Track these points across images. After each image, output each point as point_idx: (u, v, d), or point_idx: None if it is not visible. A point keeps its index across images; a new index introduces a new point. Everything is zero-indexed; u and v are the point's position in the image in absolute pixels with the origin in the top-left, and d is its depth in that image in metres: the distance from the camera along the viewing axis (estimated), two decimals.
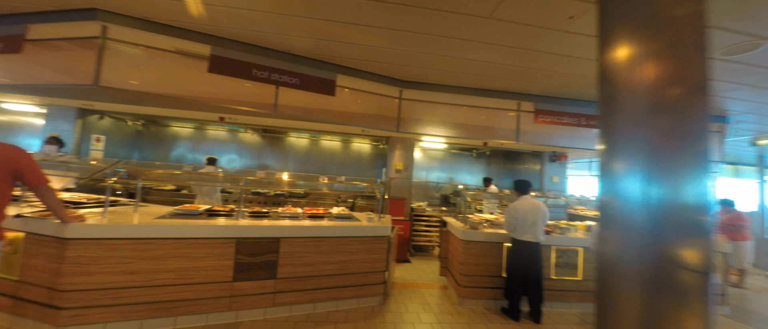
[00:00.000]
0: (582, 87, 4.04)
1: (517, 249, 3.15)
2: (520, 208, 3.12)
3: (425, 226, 5.60)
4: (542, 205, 3.23)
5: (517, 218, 3.11)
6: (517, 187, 3.33)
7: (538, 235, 3.15)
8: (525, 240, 3.12)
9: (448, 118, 4.63)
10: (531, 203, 3.17)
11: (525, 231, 3.11)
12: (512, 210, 3.14)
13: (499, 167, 7.66)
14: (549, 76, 3.76)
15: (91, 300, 2.37)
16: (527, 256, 3.11)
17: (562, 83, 3.96)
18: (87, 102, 4.73)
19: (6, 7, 2.81)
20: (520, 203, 3.17)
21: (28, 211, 2.51)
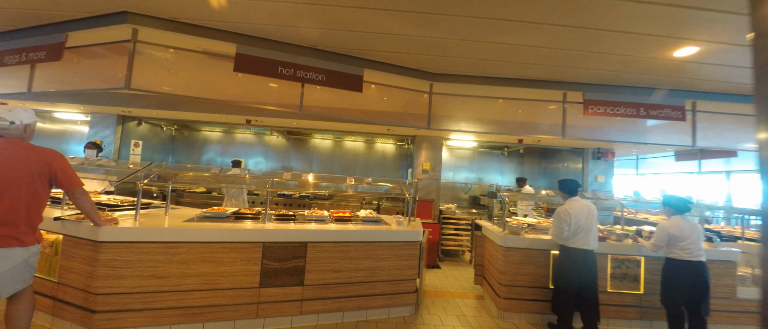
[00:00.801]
0: (642, 71, 3.52)
1: (569, 258, 2.76)
2: (573, 212, 2.73)
3: (454, 230, 5.27)
4: (595, 208, 2.82)
5: (569, 224, 2.72)
6: (565, 188, 2.94)
7: (592, 242, 2.75)
8: (578, 248, 2.73)
9: (481, 114, 4.29)
10: (584, 206, 2.78)
11: (579, 238, 2.73)
12: (564, 214, 2.75)
13: (533, 166, 7.12)
14: (602, 60, 3.28)
15: (123, 304, 2.35)
16: (581, 266, 2.71)
17: (618, 67, 3.46)
18: (126, 108, 4.96)
19: (48, 16, 2.94)
20: (573, 206, 2.78)
21: (66, 214, 2.56)
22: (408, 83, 3.93)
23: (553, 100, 4.10)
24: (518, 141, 5.29)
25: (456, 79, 3.90)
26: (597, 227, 2.84)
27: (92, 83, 3.15)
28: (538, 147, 6.47)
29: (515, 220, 3.67)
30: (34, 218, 1.89)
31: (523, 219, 4.06)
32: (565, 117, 4.04)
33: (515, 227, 3.29)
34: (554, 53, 3.20)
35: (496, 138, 5.36)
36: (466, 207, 6.49)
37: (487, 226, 3.68)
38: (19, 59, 3.08)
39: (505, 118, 4.35)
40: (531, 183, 6.16)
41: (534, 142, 5.42)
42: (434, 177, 5.48)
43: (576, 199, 2.85)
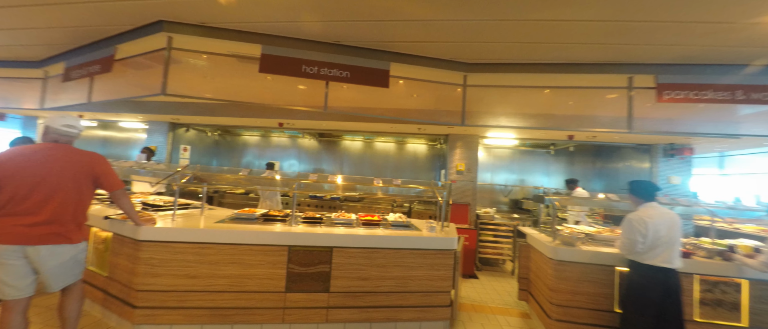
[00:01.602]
0: (737, 42, 2.78)
1: (645, 278, 2.24)
2: (651, 221, 2.22)
3: (493, 236, 4.81)
4: (677, 217, 2.27)
5: (645, 235, 2.22)
6: (638, 191, 2.41)
7: (674, 259, 2.21)
8: (656, 266, 2.20)
9: (524, 107, 3.79)
10: (665, 214, 2.24)
11: (657, 253, 2.20)
12: (638, 223, 2.24)
13: (585, 166, 6.28)
14: (683, 31, 2.63)
15: (160, 301, 2.43)
16: (661, 289, 2.19)
17: (704, 40, 2.76)
18: (175, 116, 5.37)
19: (100, 32, 3.25)
20: (650, 214, 2.26)
21: (113, 213, 2.74)
22: (439, 76, 3.63)
23: (614, 87, 3.48)
24: (568, 137, 4.65)
25: (493, 69, 3.50)
26: (680, 241, 2.28)
27: (136, 91, 3.40)
28: (592, 144, 5.68)
29: (568, 228, 3.17)
30: (80, 217, 2.01)
31: (576, 227, 3.51)
32: (631, 106, 3.40)
33: (569, 237, 2.82)
34: (616, 28, 2.66)
35: (541, 134, 4.75)
36: (506, 211, 5.93)
37: (532, 234, 3.23)
38: (80, 73, 3.47)
39: (553, 111, 3.81)
40: (584, 186, 5.42)
41: (588, 137, 4.73)
42: (470, 179, 5.07)
43: (653, 206, 2.31)
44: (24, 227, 1.79)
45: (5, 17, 3.26)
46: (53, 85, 4.54)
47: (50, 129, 1.99)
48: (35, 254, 1.83)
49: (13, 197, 1.79)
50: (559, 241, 2.83)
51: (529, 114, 3.82)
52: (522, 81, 3.65)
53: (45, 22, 3.28)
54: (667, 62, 3.23)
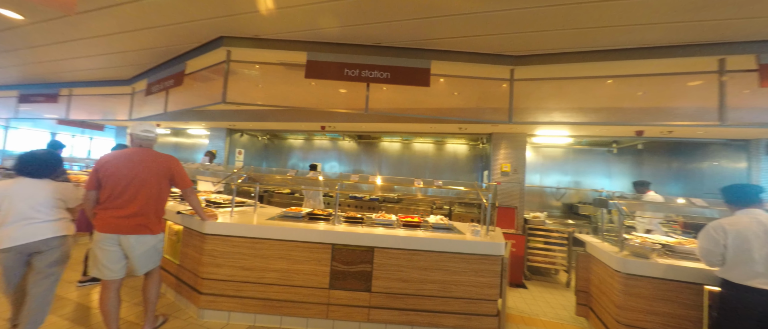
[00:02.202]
0: None
1: (739, 302, 1.84)
2: (732, 229, 1.83)
3: (544, 243, 4.41)
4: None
5: (724, 245, 1.83)
6: (729, 196, 2.00)
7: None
8: (755, 288, 1.79)
9: (580, 100, 3.41)
10: (762, 222, 1.82)
11: (752, 272, 1.80)
12: (716, 229, 1.86)
13: (658, 166, 5.44)
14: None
15: (220, 289, 2.67)
16: (761, 317, 1.77)
17: None
18: (231, 122, 5.95)
19: (173, 51, 3.74)
20: (733, 221, 1.86)
21: (184, 209, 3.10)
22: (483, 71, 3.44)
23: (698, 72, 2.94)
24: (636, 133, 4.07)
25: (545, 60, 3.20)
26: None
27: (201, 101, 3.84)
28: (666, 140, 4.90)
29: (640, 238, 2.77)
30: (160, 211, 2.33)
31: (648, 236, 3.05)
32: (722, 94, 2.84)
33: (640, 247, 2.45)
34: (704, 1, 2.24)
35: (601, 130, 4.22)
36: (558, 216, 5.41)
37: (593, 243, 2.89)
38: (158, 88, 4.04)
39: (617, 104, 3.36)
40: (656, 189, 4.70)
41: (662, 133, 4.08)
42: (516, 181, 4.73)
43: (749, 213, 1.90)
44: (118, 219, 2.12)
45: (105, 44, 3.93)
46: (138, 99, 5.36)
47: (134, 136, 2.34)
48: (126, 242, 2.16)
49: (112, 193, 2.13)
50: (627, 252, 2.48)
51: (588, 108, 3.41)
52: (579, 71, 3.28)
53: (133, 46, 3.88)
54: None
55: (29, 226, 2.02)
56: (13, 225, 2.00)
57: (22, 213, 2.01)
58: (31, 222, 2.03)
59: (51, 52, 4.36)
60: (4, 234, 1.99)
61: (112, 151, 2.25)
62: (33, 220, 2.04)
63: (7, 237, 1.98)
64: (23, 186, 2.07)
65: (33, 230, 2.03)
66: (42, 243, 2.04)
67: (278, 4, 2.73)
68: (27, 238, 2.00)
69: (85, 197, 2.16)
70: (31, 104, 6.27)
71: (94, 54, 4.30)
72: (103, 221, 2.12)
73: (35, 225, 2.04)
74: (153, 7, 2.95)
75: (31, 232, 2.02)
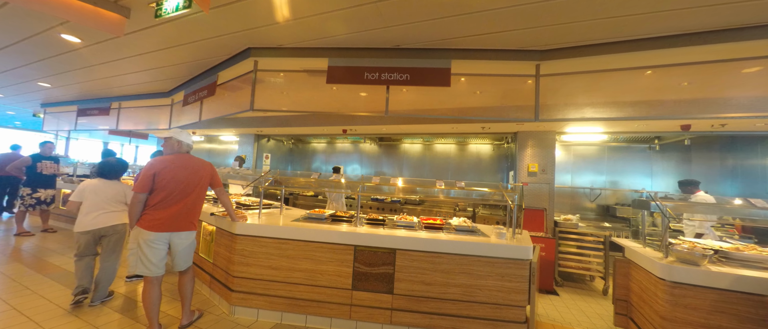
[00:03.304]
0: None
1: None
2: None
3: (577, 248, 4.14)
4: None
5: None
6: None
7: None
8: None
9: (616, 94, 3.16)
10: None
11: None
12: None
13: (709, 163, 4.92)
14: None
15: (250, 288, 2.80)
16: None
17: None
18: (259, 129, 6.25)
19: (206, 64, 4.01)
20: None
21: (217, 211, 3.30)
22: (506, 68, 3.33)
23: (753, 57, 2.63)
24: (681, 127, 3.72)
25: (573, 53, 3.03)
26: None
27: (231, 109, 4.09)
28: (718, 134, 4.42)
29: (687, 243, 2.52)
30: (200, 210, 2.56)
31: (699, 241, 2.77)
32: None
33: (688, 253, 2.23)
34: None
35: (641, 126, 3.90)
36: (593, 219, 5.07)
37: (633, 248, 2.67)
38: (194, 98, 4.36)
39: (659, 97, 3.08)
40: (707, 189, 4.25)
41: (713, 127, 3.68)
42: (545, 181, 4.50)
43: None
44: (172, 218, 2.33)
45: (148, 60, 4.32)
46: (176, 109, 5.81)
47: (184, 143, 2.54)
48: (176, 239, 2.37)
49: (169, 196, 2.33)
50: (673, 258, 2.27)
51: (625, 102, 3.16)
52: (613, 63, 3.07)
53: (171, 60, 4.23)
54: None
55: (102, 215, 2.80)
56: (91, 214, 2.77)
57: (97, 205, 2.80)
58: (103, 212, 2.81)
59: (103, 70, 4.87)
60: (86, 221, 2.75)
61: (163, 158, 2.42)
62: (104, 211, 2.82)
63: (86, 223, 2.76)
64: (100, 185, 2.86)
65: (105, 218, 2.81)
66: (110, 229, 2.84)
67: (298, 14, 2.85)
68: (99, 224, 2.79)
69: (135, 199, 2.30)
70: (87, 117, 7.04)
71: (139, 70, 4.74)
72: (157, 221, 2.29)
73: (107, 215, 2.82)
74: (189, 25, 3.20)
75: (103, 220, 2.80)
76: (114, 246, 2.89)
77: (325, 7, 2.72)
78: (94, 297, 2.82)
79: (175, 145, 2.52)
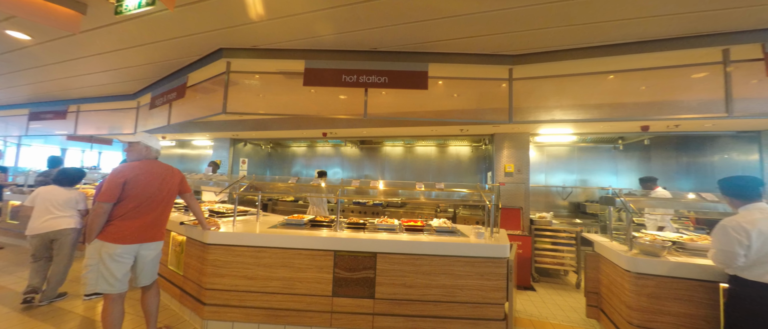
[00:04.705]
0: None
1: (754, 301, 1.77)
2: (753, 229, 1.76)
3: (551, 244, 4.32)
4: None
5: (747, 246, 1.76)
6: (732, 190, 1.94)
7: None
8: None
9: (583, 97, 3.36)
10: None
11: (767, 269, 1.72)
12: (736, 229, 1.80)
13: (666, 161, 5.32)
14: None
15: (224, 300, 2.66)
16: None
17: None
18: (234, 132, 6.02)
19: (176, 64, 3.81)
20: (750, 218, 1.80)
21: (187, 220, 3.12)
22: (481, 72, 3.43)
23: (701, 64, 2.89)
24: (641, 128, 4.00)
25: (544, 58, 3.18)
26: None
27: (203, 112, 3.90)
28: (673, 134, 4.80)
29: (649, 235, 2.69)
30: (167, 219, 2.41)
31: (659, 234, 2.97)
32: (728, 85, 2.77)
33: (650, 245, 2.38)
34: None
35: (606, 127, 4.16)
36: (565, 216, 5.31)
37: (601, 242, 2.82)
38: (162, 101, 4.12)
39: (620, 100, 3.30)
40: (664, 185, 4.59)
41: (668, 128, 4.00)
42: (521, 181, 4.67)
43: (758, 208, 1.83)
44: (142, 229, 2.18)
45: (110, 60, 4.03)
46: (143, 112, 5.46)
47: (152, 149, 2.38)
48: (144, 250, 2.23)
49: (138, 205, 2.17)
50: (637, 250, 2.41)
51: (591, 105, 3.36)
52: (579, 68, 3.26)
53: (136, 61, 3.97)
54: None
55: (52, 220, 2.90)
56: (41, 218, 2.88)
57: (47, 210, 2.91)
58: (53, 216, 2.91)
59: (58, 71, 4.49)
60: (36, 225, 2.87)
61: (131, 165, 2.24)
62: (53, 215, 2.91)
63: (36, 227, 2.87)
64: (52, 191, 2.97)
65: (53, 223, 2.91)
66: (58, 233, 2.93)
67: (274, 14, 2.78)
68: (48, 228, 2.89)
69: (99, 210, 2.07)
70: (41, 121, 6.45)
71: (99, 70, 4.41)
72: (125, 232, 2.12)
73: (56, 219, 2.92)
74: (153, 23, 3.02)
75: (52, 224, 2.90)
76: (64, 249, 2.99)
77: (300, 7, 2.67)
78: (43, 297, 2.91)
79: (142, 150, 2.35)
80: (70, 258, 3.05)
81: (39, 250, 2.95)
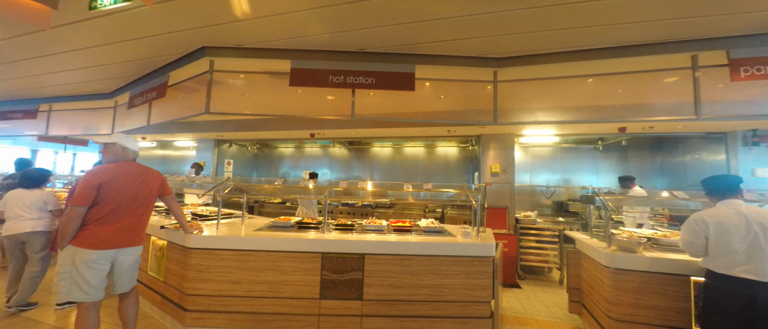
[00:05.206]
0: None
1: (722, 292, 1.87)
2: (712, 221, 1.87)
3: (536, 242, 4.44)
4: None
5: (705, 236, 1.88)
6: (708, 188, 2.06)
7: (765, 269, 1.79)
8: (737, 278, 1.82)
9: (564, 100, 3.48)
10: (742, 214, 1.86)
11: (733, 262, 1.83)
12: (697, 222, 1.90)
13: (642, 161, 5.58)
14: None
15: (207, 305, 2.59)
16: (744, 306, 1.79)
17: None
18: (219, 133, 5.86)
19: (155, 62, 3.68)
20: (713, 212, 1.90)
21: (168, 223, 3.02)
22: (467, 74, 3.49)
23: (673, 68, 3.04)
24: (619, 130, 4.17)
25: (527, 61, 3.27)
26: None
27: (185, 112, 3.78)
28: (649, 136, 5.03)
29: (626, 232, 2.81)
30: (147, 222, 2.32)
31: (636, 231, 3.10)
32: (697, 89, 2.94)
33: (627, 241, 2.48)
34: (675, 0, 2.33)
35: (586, 128, 4.32)
36: (549, 214, 5.46)
37: (582, 240, 2.92)
38: (141, 100, 3.96)
39: (599, 102, 3.43)
40: (641, 184, 4.80)
41: (643, 129, 4.19)
42: (506, 181, 4.77)
43: (729, 203, 1.94)
44: (119, 234, 2.09)
45: (84, 57, 3.85)
46: (121, 112, 5.24)
47: (130, 150, 2.29)
48: (122, 255, 2.13)
49: (116, 209, 2.07)
50: (615, 247, 2.51)
51: (571, 107, 3.48)
52: (561, 71, 3.37)
53: (113, 58, 3.81)
54: (742, 33, 2.75)
55: (18, 222, 2.88)
56: (10, 221, 2.88)
57: (15, 213, 2.89)
58: (20, 219, 2.88)
59: (28, 67, 4.25)
60: (5, 227, 2.88)
61: (107, 166, 2.15)
62: (20, 218, 2.88)
63: (5, 228, 2.88)
64: (20, 193, 2.95)
65: (20, 225, 2.88)
66: (26, 236, 2.89)
67: (260, 12, 2.73)
68: (15, 230, 2.87)
69: (73, 214, 1.97)
70: (8, 121, 6.08)
71: (74, 68, 4.20)
72: (101, 237, 2.03)
73: (23, 222, 2.88)
74: (131, 19, 2.91)
75: (19, 227, 2.87)
76: (35, 254, 2.93)
77: (287, 7, 2.64)
78: (12, 302, 2.85)
79: (118, 151, 2.25)
80: (40, 264, 2.95)
81: (12, 253, 2.95)
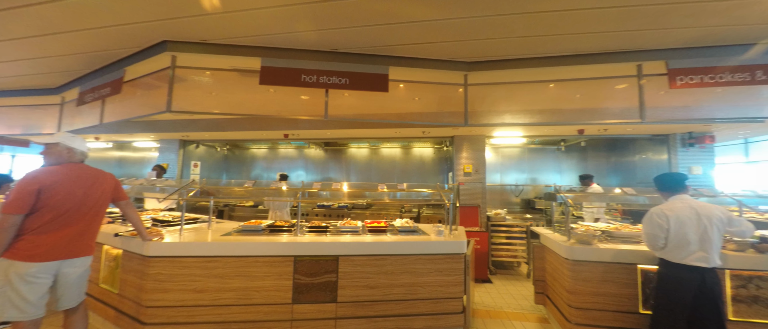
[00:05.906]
0: (754, 20, 2.66)
1: (676, 279, 2.08)
2: (672, 214, 2.08)
3: (506, 238, 4.66)
4: (716, 209, 2.06)
5: (666, 229, 2.08)
6: (660, 184, 2.29)
7: (712, 257, 2.02)
8: (690, 265, 2.03)
9: (529, 103, 3.70)
10: (694, 207, 2.09)
11: (690, 251, 2.04)
12: (658, 216, 2.11)
13: (599, 161, 6.06)
14: (694, 13, 2.54)
15: (168, 317, 2.42)
16: (695, 290, 2.01)
17: (715, 22, 2.66)
18: (185, 133, 5.52)
19: (109, 56, 3.39)
20: (671, 206, 2.12)
21: (123, 231, 2.78)
22: (440, 77, 3.60)
23: (622, 76, 3.35)
24: (578, 132, 4.51)
25: (495, 66, 3.44)
26: (720, 235, 2.04)
27: (144, 110, 3.51)
28: (604, 137, 5.48)
29: (583, 226, 3.03)
30: (98, 230, 2.14)
31: (593, 225, 3.35)
32: (642, 95, 3.26)
33: (584, 235, 2.68)
34: (623, 13, 2.57)
35: (549, 130, 4.63)
36: (518, 212, 5.76)
37: (546, 234, 3.10)
38: (93, 97, 3.62)
39: (560, 106, 3.70)
40: (598, 182, 5.20)
41: (599, 131, 4.56)
42: (478, 180, 4.96)
43: (681, 198, 2.17)
44: (64, 243, 1.89)
45: (25, 48, 3.45)
46: (69, 109, 4.76)
47: (77, 151, 2.08)
48: (67, 267, 1.93)
49: (59, 216, 1.87)
50: (574, 240, 2.70)
51: (535, 110, 3.72)
52: (525, 76, 3.58)
53: (59, 50, 3.45)
54: (679, 46, 3.10)
55: None
56: None
57: None
58: None
59: None
60: None
61: (50, 169, 1.94)
62: None
63: None
64: None
65: None
66: None
67: (227, 7, 2.61)
68: None
69: (6, 223, 1.76)
70: None
71: (10, 60, 3.75)
72: (41, 248, 1.82)
73: None
74: (81, 8, 2.65)
75: None
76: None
77: (256, 2, 2.55)
78: None
79: (63, 152, 2.04)
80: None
81: None
